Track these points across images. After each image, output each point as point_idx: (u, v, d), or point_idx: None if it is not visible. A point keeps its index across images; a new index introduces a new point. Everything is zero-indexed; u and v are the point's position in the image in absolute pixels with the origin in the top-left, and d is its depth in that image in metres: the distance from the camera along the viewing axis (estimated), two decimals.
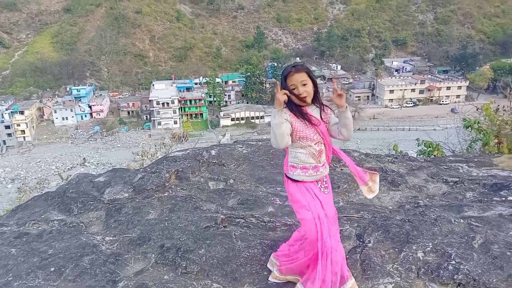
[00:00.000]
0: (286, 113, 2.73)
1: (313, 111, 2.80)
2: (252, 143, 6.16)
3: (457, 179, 4.91)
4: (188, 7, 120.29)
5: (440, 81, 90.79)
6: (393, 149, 9.05)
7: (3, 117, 74.54)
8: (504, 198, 4.22)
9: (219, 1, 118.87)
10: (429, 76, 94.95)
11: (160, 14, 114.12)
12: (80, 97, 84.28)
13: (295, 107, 2.75)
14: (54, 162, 68.18)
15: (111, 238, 3.69)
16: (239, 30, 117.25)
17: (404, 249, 3.24)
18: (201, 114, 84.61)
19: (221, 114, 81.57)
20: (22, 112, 76.67)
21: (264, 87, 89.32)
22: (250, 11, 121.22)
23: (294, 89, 2.71)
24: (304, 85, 2.71)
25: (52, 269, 3.20)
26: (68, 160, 68.06)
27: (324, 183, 2.88)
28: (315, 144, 2.78)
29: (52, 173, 62.00)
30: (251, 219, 3.87)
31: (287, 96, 2.68)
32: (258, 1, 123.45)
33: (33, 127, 78.99)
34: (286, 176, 2.88)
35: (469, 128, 8.27)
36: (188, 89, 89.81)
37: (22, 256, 3.46)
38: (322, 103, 2.84)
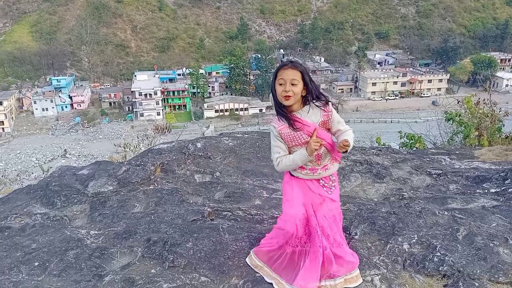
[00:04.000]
0: (275, 126, 2.70)
1: (307, 113, 2.69)
2: (238, 135, 6.14)
3: (440, 172, 4.99)
4: None
5: (422, 74, 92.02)
6: (376, 142, 9.15)
7: None
8: (486, 191, 4.31)
9: None
10: (411, 69, 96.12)
11: (142, 3, 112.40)
12: (61, 87, 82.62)
13: (282, 110, 2.67)
14: (35, 153, 66.92)
15: (96, 232, 3.64)
16: (223, 21, 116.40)
17: (390, 241, 3.28)
18: (185, 105, 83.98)
19: (205, 105, 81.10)
20: (0, 103, 74.81)
21: (248, 79, 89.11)
22: (233, 2, 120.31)
23: (281, 84, 2.61)
24: (293, 84, 2.60)
25: (36, 263, 3.14)
26: (49, 152, 66.89)
27: (330, 182, 2.81)
28: None
29: (32, 164, 60.87)
30: (238, 212, 3.87)
31: (273, 95, 2.64)
32: None
33: (12, 118, 77.27)
34: None
35: (451, 120, 8.41)
36: (171, 80, 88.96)
37: (5, 251, 3.39)
38: (320, 103, 2.72)
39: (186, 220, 3.72)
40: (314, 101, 2.70)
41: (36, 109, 79.90)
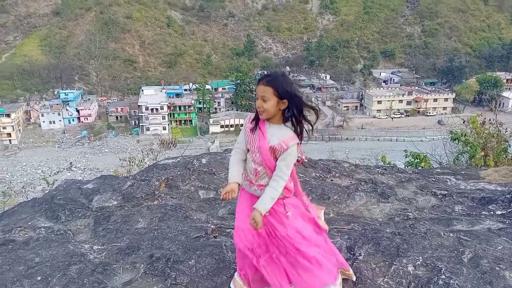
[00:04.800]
0: (246, 121, 2.74)
1: (274, 130, 2.61)
2: None
3: (446, 192, 4.96)
4: (178, 13, 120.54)
5: (427, 92, 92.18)
6: (381, 160, 9.12)
7: None
8: (492, 212, 4.27)
9: (209, 9, 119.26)
10: (417, 87, 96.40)
11: (151, 20, 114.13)
12: (68, 101, 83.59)
13: (257, 117, 2.67)
14: (40, 166, 67.33)
15: (99, 247, 3.63)
16: (230, 37, 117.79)
17: (394, 263, 3.24)
18: (190, 120, 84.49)
19: (211, 121, 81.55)
20: (8, 115, 75.66)
21: (254, 95, 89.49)
22: (240, 19, 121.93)
23: (257, 99, 2.60)
24: (264, 101, 2.55)
25: (39, 278, 3.14)
26: (55, 164, 67.28)
27: (284, 207, 2.69)
28: (251, 160, 2.66)
29: (38, 177, 61.13)
30: None
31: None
32: (249, 10, 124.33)
33: (19, 130, 78.01)
34: None
35: (456, 140, 8.38)
36: (177, 95, 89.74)
37: (8, 264, 3.39)
38: (292, 129, 2.62)
39: (190, 236, 3.71)
40: (287, 123, 2.65)
41: (43, 121, 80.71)
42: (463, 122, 9.32)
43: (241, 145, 2.79)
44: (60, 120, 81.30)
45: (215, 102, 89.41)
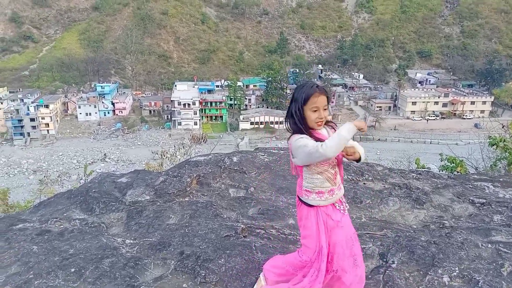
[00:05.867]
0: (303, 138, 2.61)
1: (325, 133, 2.69)
2: (273, 151, 6.12)
3: (484, 200, 4.77)
4: (213, 10, 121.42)
5: (465, 95, 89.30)
6: (415, 163, 8.88)
7: (28, 110, 76.37)
8: None
9: (244, 6, 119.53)
10: (453, 89, 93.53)
11: (186, 16, 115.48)
12: (104, 94, 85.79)
13: (307, 131, 2.61)
14: (76, 156, 69.47)
15: (131, 241, 3.69)
16: (263, 35, 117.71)
17: (429, 273, 3.14)
18: (221, 116, 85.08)
19: (241, 117, 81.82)
20: (47, 106, 78.49)
21: (284, 93, 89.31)
22: (274, 16, 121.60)
23: (315, 111, 2.60)
24: (325, 109, 2.63)
25: (73, 269, 3.21)
26: (89, 155, 69.26)
27: (342, 204, 2.77)
28: (331, 168, 2.67)
29: (73, 166, 63.17)
30: (271, 230, 3.82)
31: (301, 119, 2.60)
32: (283, 7, 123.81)
33: (57, 121, 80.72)
34: (300, 198, 2.77)
35: (495, 145, 8.07)
36: (209, 91, 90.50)
37: (43, 254, 3.49)
38: (330, 122, 2.74)
39: (219, 235, 3.71)
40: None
41: (80, 113, 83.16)
42: (502, 127, 8.98)
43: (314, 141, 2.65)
44: (96, 112, 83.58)
45: (246, 99, 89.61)
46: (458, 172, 7.68)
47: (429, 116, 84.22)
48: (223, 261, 3.26)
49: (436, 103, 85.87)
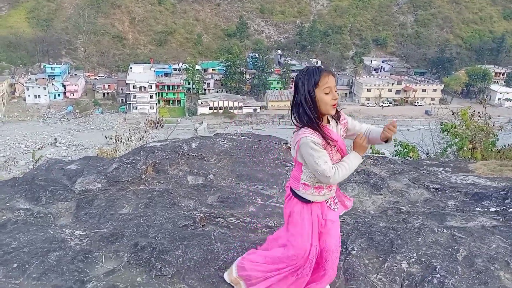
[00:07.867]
0: (314, 141, 2.37)
1: (333, 126, 2.52)
2: (234, 137, 5.97)
3: (438, 186, 4.88)
4: None
5: (417, 82, 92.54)
6: (370, 148, 9.04)
7: None
8: (486, 209, 4.20)
9: None
10: (406, 77, 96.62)
11: None
12: (54, 75, 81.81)
13: (318, 125, 2.39)
14: (24, 140, 66.15)
15: (81, 233, 3.46)
16: (222, 18, 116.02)
17: (388, 259, 3.15)
18: (179, 100, 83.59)
19: (199, 102, 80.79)
20: None
21: (244, 78, 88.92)
22: None
23: (327, 93, 2.36)
24: (336, 91, 2.41)
25: (15, 265, 2.97)
26: (39, 140, 66.18)
27: (334, 198, 2.65)
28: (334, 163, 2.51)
29: (21, 151, 60.13)
30: (231, 219, 3.71)
31: (313, 108, 2.37)
32: None
33: (3, 103, 76.31)
34: (294, 192, 2.58)
35: (446, 132, 8.34)
36: (166, 74, 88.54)
37: None
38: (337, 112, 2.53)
39: (177, 225, 3.56)
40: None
41: (29, 96, 79.05)
42: (452, 114, 9.28)
43: (329, 159, 2.43)
44: (45, 95, 79.59)
45: (205, 83, 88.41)
46: (410, 157, 7.88)
47: (383, 103, 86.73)
48: (180, 253, 3.12)
49: (390, 90, 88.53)
